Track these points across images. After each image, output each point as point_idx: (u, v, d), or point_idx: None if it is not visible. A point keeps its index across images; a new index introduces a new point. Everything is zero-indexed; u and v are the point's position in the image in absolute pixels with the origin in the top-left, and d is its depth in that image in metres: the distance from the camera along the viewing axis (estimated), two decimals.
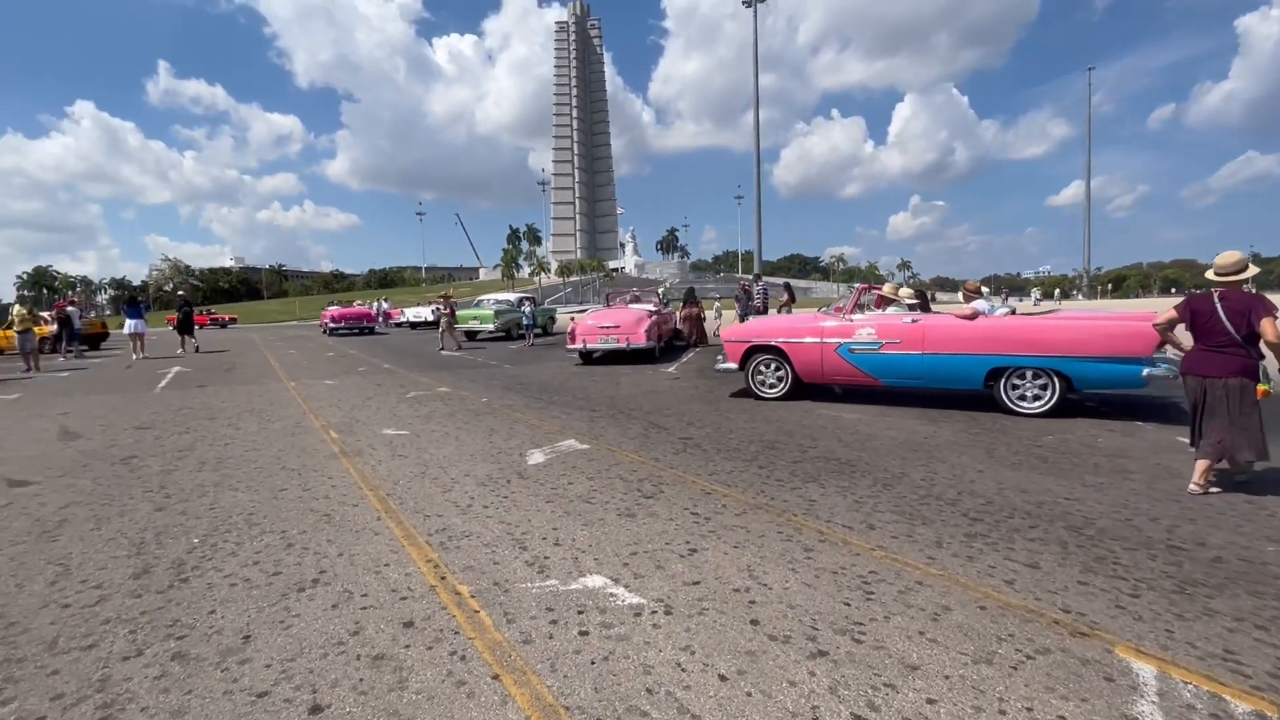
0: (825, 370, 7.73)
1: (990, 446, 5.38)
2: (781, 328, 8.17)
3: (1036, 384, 6.68)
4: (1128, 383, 6.27)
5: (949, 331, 6.99)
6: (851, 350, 7.48)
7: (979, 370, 6.86)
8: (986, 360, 6.80)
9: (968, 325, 6.94)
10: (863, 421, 6.49)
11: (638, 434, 6.13)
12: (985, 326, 6.87)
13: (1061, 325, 6.59)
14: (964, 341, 6.90)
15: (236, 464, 5.37)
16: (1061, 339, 6.49)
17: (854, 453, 5.23)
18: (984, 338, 6.81)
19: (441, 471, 4.94)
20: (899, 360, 7.24)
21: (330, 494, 4.43)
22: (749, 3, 68.54)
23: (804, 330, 7.86)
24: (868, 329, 7.41)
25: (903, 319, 7.34)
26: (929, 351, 7.08)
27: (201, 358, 17.17)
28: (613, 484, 4.49)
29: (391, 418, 7.31)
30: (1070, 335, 6.47)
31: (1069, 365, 6.45)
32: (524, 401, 8.23)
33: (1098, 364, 6.34)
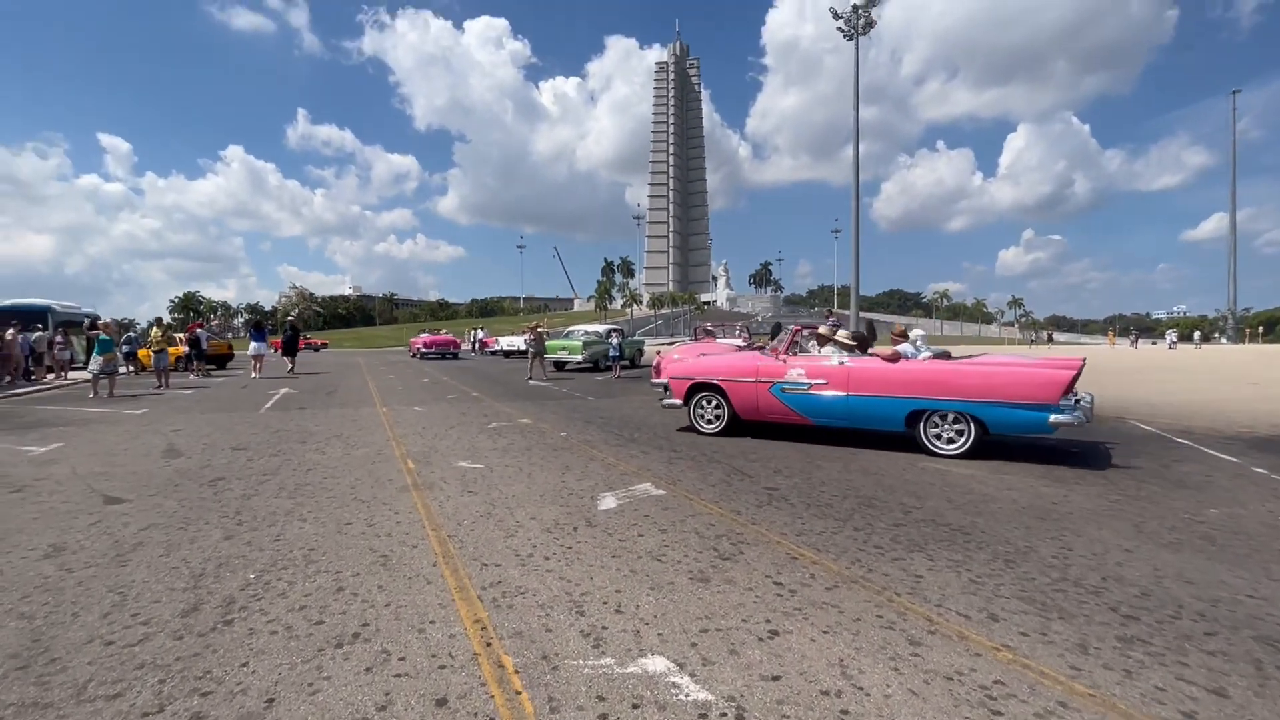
0: (760, 409, 8.01)
1: (1137, 518, 4.54)
2: (722, 367, 8.46)
3: (954, 427, 6.81)
4: (1036, 428, 6.39)
5: (872, 374, 7.19)
6: (784, 390, 7.75)
7: (899, 412, 7.03)
8: (907, 403, 6.97)
9: (890, 368, 7.12)
10: (976, 479, 5.74)
11: (718, 480, 5.67)
12: (906, 370, 7.05)
13: (975, 371, 6.75)
14: (886, 384, 7.09)
15: (312, 492, 5.35)
16: (974, 384, 6.62)
17: (967, 517, 4.56)
18: (905, 381, 6.99)
19: (508, 513, 4.69)
20: (826, 401, 7.46)
21: (393, 532, 4.26)
22: (850, 36, 67.53)
23: (742, 370, 8.16)
24: (798, 370, 7.69)
25: (831, 360, 7.56)
26: (854, 393, 7.28)
27: (307, 380, 18.16)
28: (687, 539, 4.06)
29: (469, 449, 7.21)
30: (982, 381, 6.61)
31: (982, 409, 6.58)
32: (603, 437, 7.95)
33: (1008, 409, 6.45)
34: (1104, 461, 6.52)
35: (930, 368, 6.98)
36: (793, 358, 7.91)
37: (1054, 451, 7.01)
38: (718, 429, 8.25)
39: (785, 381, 7.73)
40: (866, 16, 65.59)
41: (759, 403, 7.97)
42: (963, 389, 6.66)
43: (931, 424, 6.91)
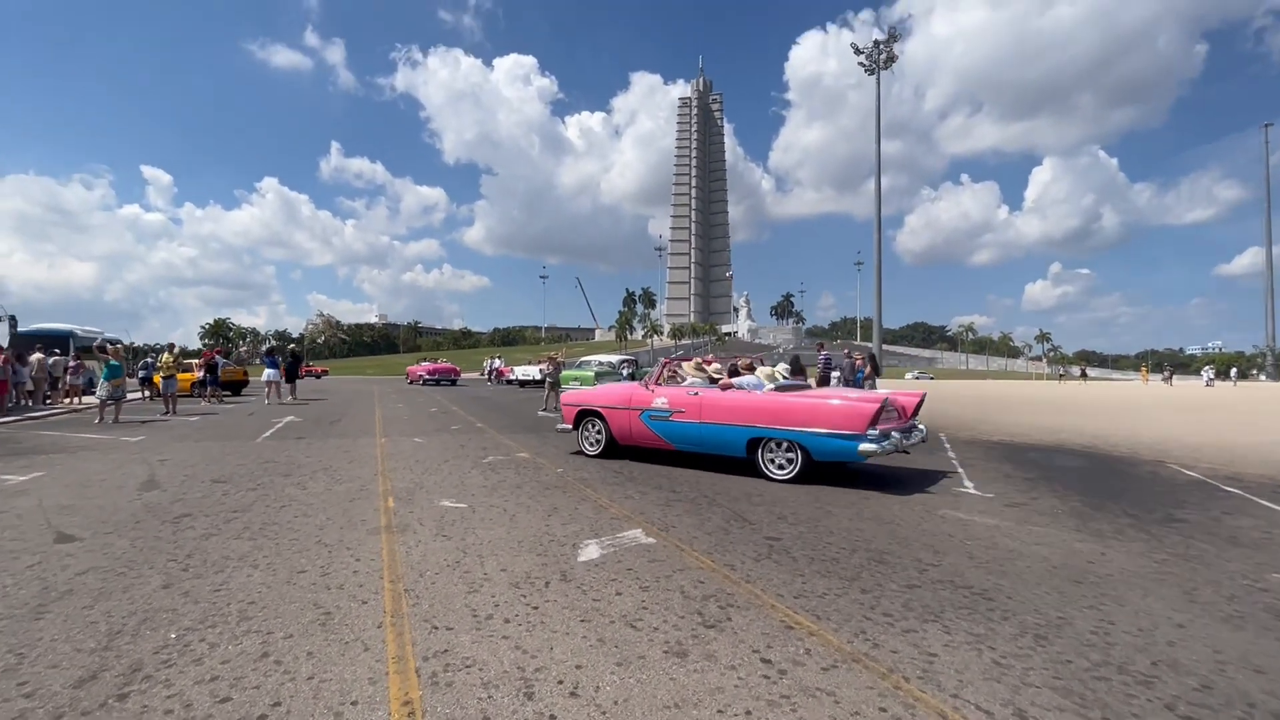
0: (632, 434, 8.65)
1: (1188, 584, 3.98)
2: (603, 396, 9.22)
3: (785, 454, 7.29)
4: (848, 455, 6.83)
5: (719, 404, 7.78)
6: (651, 417, 8.39)
7: (741, 439, 7.57)
8: (747, 431, 7.52)
9: (733, 398, 7.72)
10: (1001, 531, 5.19)
11: (716, 528, 5.19)
12: (746, 401, 7.61)
13: (799, 403, 7.25)
14: (730, 413, 7.65)
15: (277, 533, 4.99)
16: (799, 415, 7.14)
17: (990, 578, 4.03)
18: (745, 410, 7.55)
19: (478, 562, 4.26)
20: (683, 428, 8.10)
21: (346, 583, 3.85)
22: (871, 70, 67.92)
23: (619, 398, 8.84)
24: (662, 399, 8.32)
25: (689, 391, 8.17)
26: (705, 421, 7.88)
27: (314, 408, 17.99)
28: (670, 600, 3.60)
29: (457, 486, 6.82)
30: (805, 412, 7.13)
31: (806, 438, 7.05)
32: (601, 475, 7.52)
33: (826, 438, 6.91)
34: (1146, 514, 5.92)
35: (765, 399, 7.52)
36: (659, 388, 8.56)
37: (1088, 503, 6.42)
38: (598, 451, 8.98)
39: (652, 409, 8.37)
40: (888, 51, 65.97)
41: (631, 428, 8.64)
42: (790, 419, 7.19)
43: (768, 450, 7.40)
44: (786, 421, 7.20)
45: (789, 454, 7.23)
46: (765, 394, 7.63)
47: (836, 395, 7.47)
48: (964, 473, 7.89)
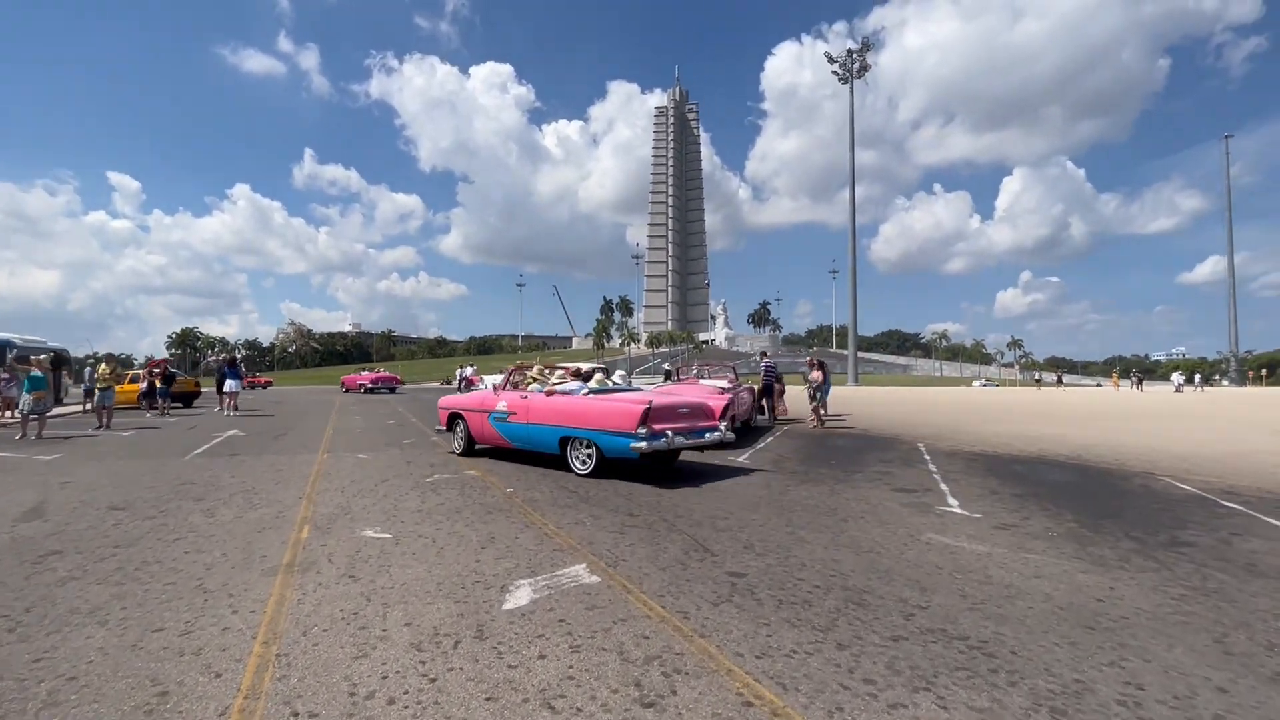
0: (484, 434, 9.49)
1: (1215, 627, 3.40)
2: (466, 401, 10.23)
3: (585, 451, 7.96)
4: (625, 452, 7.42)
5: (541, 407, 8.50)
6: (495, 419, 9.17)
7: (554, 438, 8.29)
8: (559, 431, 8.22)
9: (551, 402, 8.43)
10: (994, 561, 4.60)
11: (672, 561, 4.52)
12: (556, 404, 8.36)
13: (592, 405, 7.93)
14: (547, 415, 8.38)
15: (154, 575, 4.21)
16: (593, 416, 7.84)
17: (989, 624, 3.41)
18: (557, 413, 8.27)
19: (382, 613, 3.54)
20: (515, 428, 8.85)
21: (206, 646, 3.11)
22: (845, 79, 68.29)
23: (477, 403, 9.75)
24: (503, 402, 9.11)
25: (522, 395, 8.94)
26: (530, 422, 8.61)
27: (261, 421, 17.00)
28: (604, 664, 2.92)
29: (389, 511, 6.07)
30: (597, 414, 7.80)
31: (597, 436, 7.73)
32: (553, 495, 6.81)
33: (610, 436, 7.58)
34: (1149, 536, 5.38)
35: (570, 403, 8.23)
36: (503, 393, 9.44)
37: (1084, 523, 5.87)
38: (461, 450, 9.87)
39: (495, 412, 9.16)
40: (861, 60, 66.47)
41: (483, 429, 9.47)
42: (587, 420, 7.89)
43: (574, 447, 8.09)
44: (585, 423, 7.91)
45: (588, 450, 7.92)
46: (575, 398, 8.34)
47: (620, 399, 7.99)
48: (947, 489, 7.33)
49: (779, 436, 12.87)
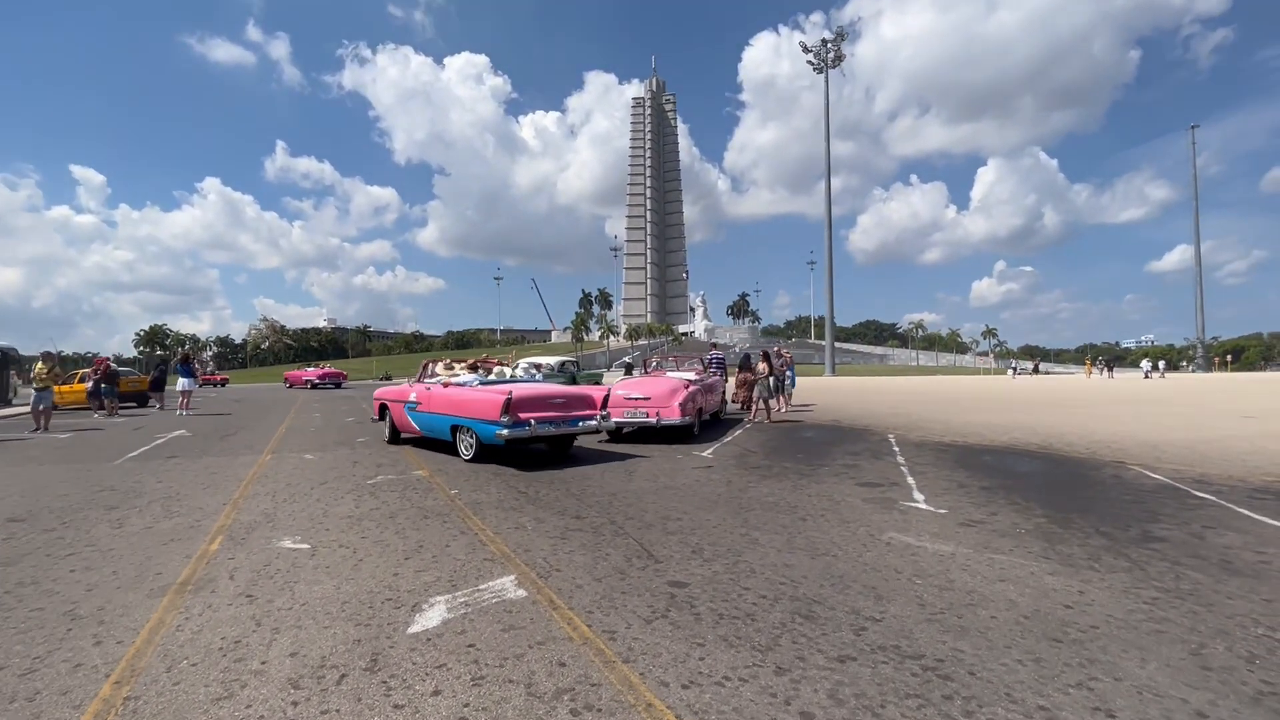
0: (403, 423, 10.23)
1: (1192, 637, 3.11)
2: (391, 393, 10.97)
3: (468, 438, 8.54)
4: (492, 439, 7.96)
5: (438, 398, 9.21)
6: (409, 409, 9.89)
7: (447, 426, 8.92)
8: (450, 419, 8.84)
9: (445, 392, 9.12)
10: (957, 562, 4.28)
11: (611, 570, 4.15)
12: (447, 395, 9.03)
13: (469, 396, 8.65)
14: (443, 405, 9.05)
15: (20, 601, 3.75)
16: (469, 406, 8.49)
17: (946, 639, 3.08)
18: (449, 403, 8.93)
19: (269, 639, 3.12)
20: (422, 417, 9.58)
21: (45, 690, 2.68)
22: (820, 69, 68.17)
23: (399, 394, 10.47)
24: (414, 393, 9.83)
25: (427, 387, 9.69)
26: (432, 411, 9.29)
27: (214, 420, 16.33)
28: (506, 701, 2.54)
29: (317, 517, 5.63)
30: (472, 403, 8.46)
31: (474, 424, 8.32)
32: (500, 496, 6.41)
33: (481, 424, 8.18)
34: (1119, 531, 5.11)
35: (457, 394, 8.91)
36: (417, 384, 10.18)
37: (1053, 517, 5.59)
38: (388, 438, 10.74)
39: (409, 402, 9.88)
40: (836, 50, 66.37)
41: (402, 418, 10.19)
42: (467, 410, 8.51)
43: (461, 435, 8.69)
44: (466, 412, 8.50)
45: (470, 438, 8.49)
46: (463, 390, 8.95)
47: (494, 390, 8.51)
48: (914, 482, 7.05)
49: (748, 429, 12.57)
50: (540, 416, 8.26)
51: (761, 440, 10.83)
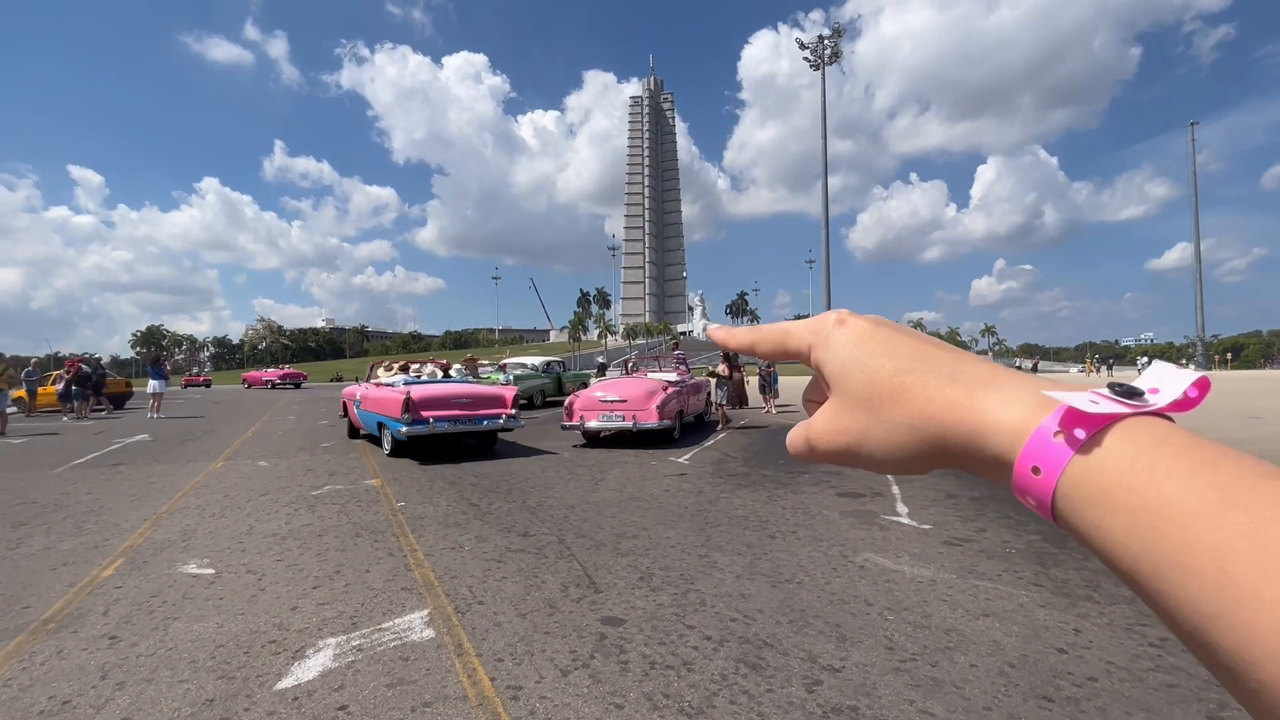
0: (355, 419, 11.01)
1: (1210, 692, 2.59)
2: (348, 390, 11.71)
3: (388, 435, 9.17)
4: (398, 435, 8.68)
5: (370, 396, 9.97)
6: (356, 406, 10.61)
7: (375, 423, 9.62)
8: (377, 417, 9.52)
9: (375, 392, 9.92)
10: (936, 591, 3.77)
11: (541, 603, 3.64)
12: (376, 394, 9.80)
13: (385, 395, 9.38)
14: (372, 404, 9.79)
15: None
16: (383, 405, 9.26)
17: (915, 694, 2.57)
18: (375, 402, 9.64)
19: (104, 701, 2.61)
20: (362, 414, 10.30)
21: None
22: (817, 66, 67.51)
23: (350, 394, 11.25)
24: (360, 391, 10.65)
25: (365, 387, 10.66)
26: (366, 409, 10.02)
27: (183, 424, 15.81)
28: None
29: (238, 536, 5.12)
30: (385, 403, 9.24)
31: (388, 422, 8.99)
32: (445, 511, 5.90)
33: (391, 421, 8.86)
34: None
35: (382, 393, 9.65)
36: (363, 385, 11.11)
37: (1048, 535, 5.08)
38: (348, 432, 11.75)
39: (357, 400, 10.62)
40: (833, 47, 65.88)
41: (354, 414, 11.03)
42: (384, 408, 9.30)
43: (383, 431, 9.39)
44: (384, 411, 9.27)
45: (388, 435, 9.19)
46: (386, 389, 9.73)
47: (399, 390, 9.14)
48: (899, 492, 6.54)
49: (732, 433, 12.06)
50: (441, 415, 8.94)
51: (744, 445, 10.32)
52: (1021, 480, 0.29)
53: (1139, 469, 0.26)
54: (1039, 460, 0.28)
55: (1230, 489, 0.23)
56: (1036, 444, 0.28)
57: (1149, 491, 0.25)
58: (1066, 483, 0.27)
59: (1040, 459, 0.28)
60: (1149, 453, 0.26)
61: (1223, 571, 0.22)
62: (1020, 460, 0.29)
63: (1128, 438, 0.27)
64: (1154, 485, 0.25)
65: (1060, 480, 0.27)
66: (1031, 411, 0.29)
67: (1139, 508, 0.25)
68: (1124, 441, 0.27)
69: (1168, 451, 0.26)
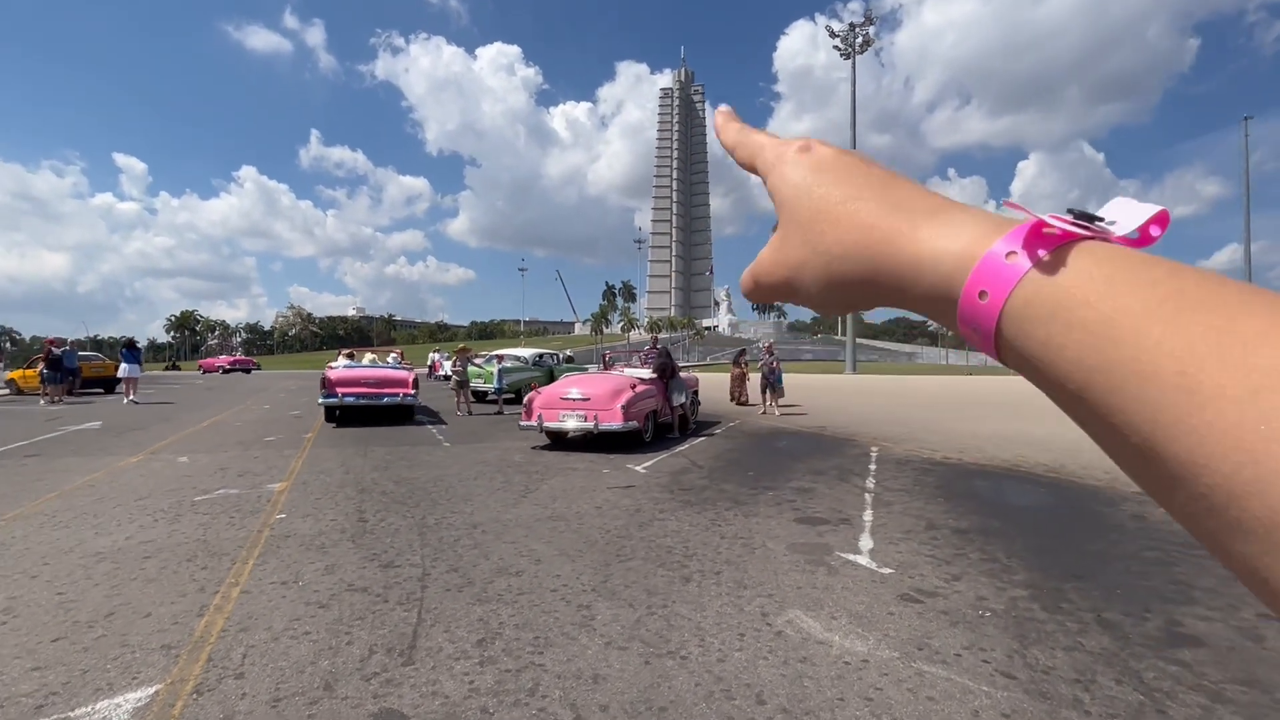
0: None
1: None
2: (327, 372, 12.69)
3: None
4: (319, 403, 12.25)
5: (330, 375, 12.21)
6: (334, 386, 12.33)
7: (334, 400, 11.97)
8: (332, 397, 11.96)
9: (336, 372, 12.38)
10: (866, 680, 2.74)
11: (316, 682, 2.70)
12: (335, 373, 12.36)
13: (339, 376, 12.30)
14: (332, 385, 12.01)
15: None
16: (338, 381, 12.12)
17: None
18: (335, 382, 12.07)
19: None
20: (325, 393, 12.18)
21: None
22: (847, 55, 65.77)
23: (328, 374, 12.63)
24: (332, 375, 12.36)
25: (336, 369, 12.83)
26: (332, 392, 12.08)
27: (148, 411, 15.26)
28: None
29: (53, 554, 4.29)
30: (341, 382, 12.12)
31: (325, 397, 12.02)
32: (322, 528, 5.02)
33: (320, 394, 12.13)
34: (1133, 619, 3.51)
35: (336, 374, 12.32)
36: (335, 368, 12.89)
37: (1040, 587, 4.00)
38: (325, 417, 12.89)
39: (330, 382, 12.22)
40: (864, 35, 63.90)
41: None
42: (333, 385, 11.97)
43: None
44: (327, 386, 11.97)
45: None
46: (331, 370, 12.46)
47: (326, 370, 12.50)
48: (870, 518, 5.49)
49: (716, 435, 11.04)
50: (349, 391, 12.03)
51: (718, 451, 9.29)
52: (967, 307, 0.28)
53: (1096, 281, 0.25)
54: (987, 283, 0.27)
55: (1192, 296, 0.23)
56: (986, 267, 0.27)
57: (1106, 304, 0.24)
58: (1015, 303, 0.27)
59: (988, 282, 0.27)
60: (1106, 266, 0.25)
61: (1183, 375, 0.22)
62: (968, 285, 0.28)
63: (1084, 255, 0.26)
64: (1112, 297, 0.24)
65: (1008, 301, 0.27)
66: (979, 238, 0.29)
67: (1095, 320, 0.24)
68: (1081, 259, 0.26)
69: (1126, 265, 0.25)
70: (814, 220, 0.34)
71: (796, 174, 0.35)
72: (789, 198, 0.35)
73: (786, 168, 0.36)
